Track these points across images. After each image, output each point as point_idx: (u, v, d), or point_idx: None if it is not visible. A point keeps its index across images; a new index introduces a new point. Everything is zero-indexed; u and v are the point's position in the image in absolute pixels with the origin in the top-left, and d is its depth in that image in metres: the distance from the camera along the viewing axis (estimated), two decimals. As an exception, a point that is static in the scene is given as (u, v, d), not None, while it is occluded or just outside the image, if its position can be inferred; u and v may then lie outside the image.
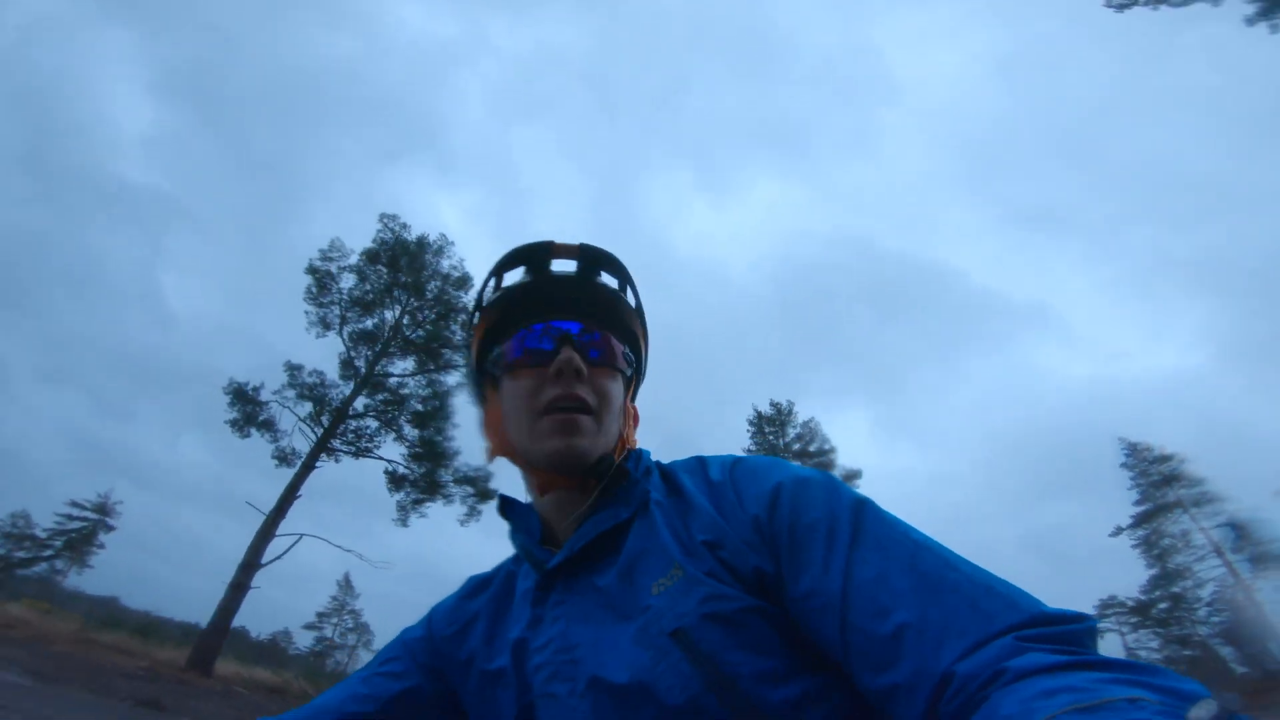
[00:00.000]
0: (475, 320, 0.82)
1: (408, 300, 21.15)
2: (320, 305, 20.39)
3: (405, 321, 21.10)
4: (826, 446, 28.77)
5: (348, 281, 20.84)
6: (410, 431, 20.24)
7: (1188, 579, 32.15)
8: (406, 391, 20.62)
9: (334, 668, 46.41)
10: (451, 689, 0.80)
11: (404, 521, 20.03)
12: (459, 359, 20.82)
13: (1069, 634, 0.46)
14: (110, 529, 44.06)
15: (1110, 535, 34.31)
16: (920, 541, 0.56)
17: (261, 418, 18.74)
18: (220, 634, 15.36)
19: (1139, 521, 33.63)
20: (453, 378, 20.67)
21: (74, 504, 42.80)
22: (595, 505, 0.72)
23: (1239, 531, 30.68)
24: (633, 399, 0.85)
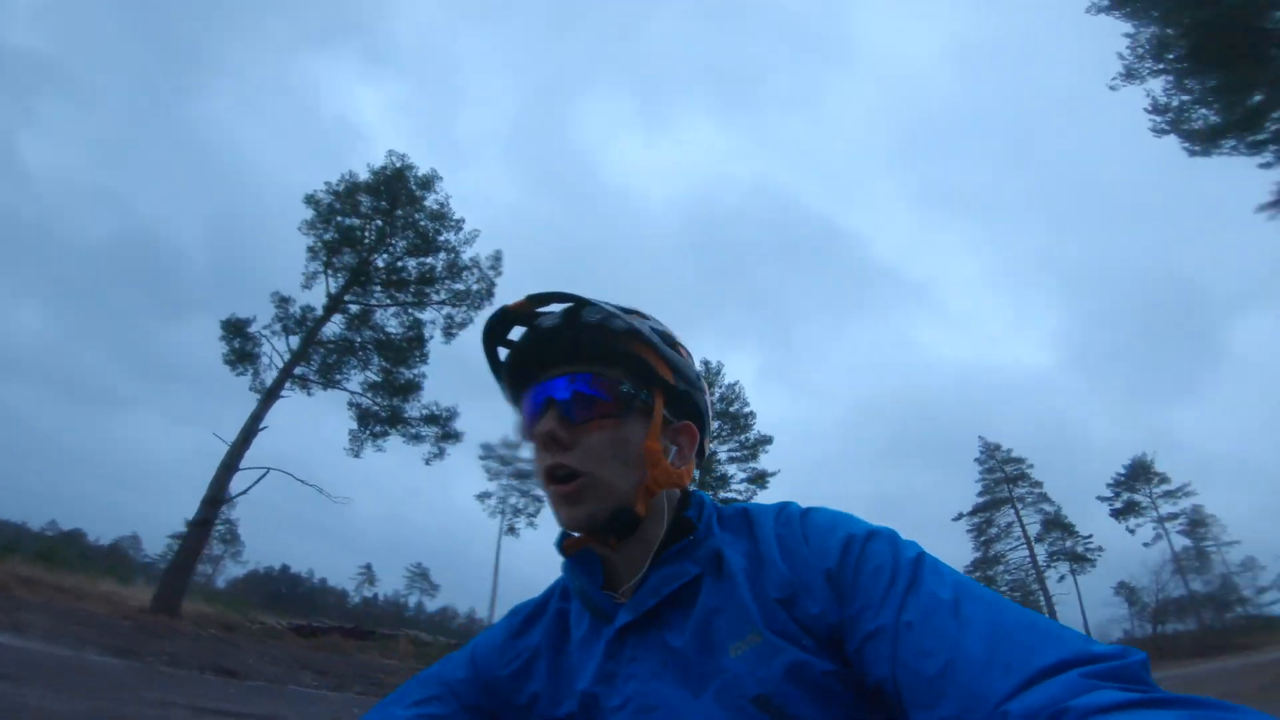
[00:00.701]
0: (502, 385, 0.80)
1: (382, 230, 19.82)
2: (317, 236, 18.90)
3: (382, 256, 19.86)
4: (746, 409, 30.93)
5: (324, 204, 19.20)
6: (376, 361, 19.48)
7: (1001, 564, 39.30)
8: (379, 323, 19.68)
9: (201, 580, 43.57)
10: None
11: (356, 453, 19.46)
12: (433, 294, 20.12)
13: (1126, 670, 0.45)
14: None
15: (952, 519, 40.61)
16: (970, 588, 0.58)
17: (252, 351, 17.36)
18: (185, 573, 14.35)
19: (977, 510, 40.24)
20: (428, 314, 20.01)
21: None
22: (660, 557, 0.71)
23: (1049, 527, 37.90)
24: (679, 415, 0.79)
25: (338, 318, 18.85)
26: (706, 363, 32.32)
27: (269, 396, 17.13)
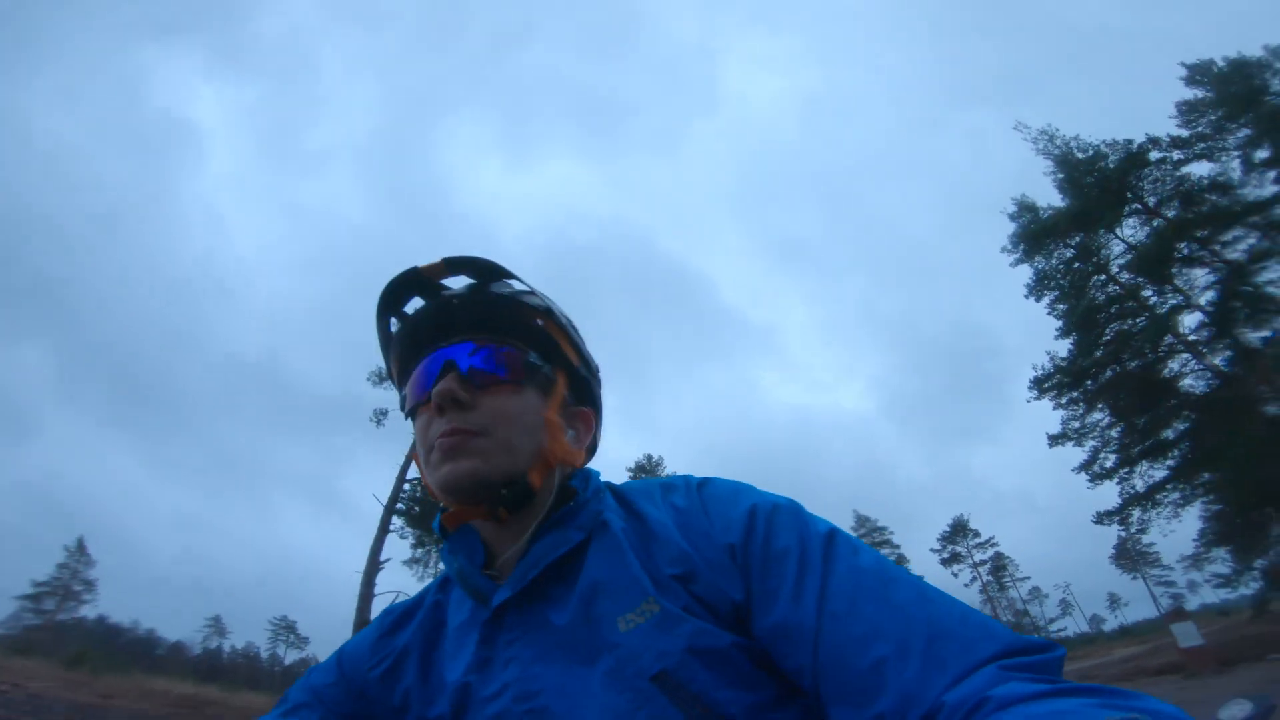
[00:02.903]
0: (388, 359, 0.76)
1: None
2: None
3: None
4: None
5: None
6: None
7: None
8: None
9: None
10: None
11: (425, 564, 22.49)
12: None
13: (1044, 663, 0.47)
14: None
15: None
16: (892, 572, 0.56)
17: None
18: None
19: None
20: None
21: None
22: (541, 529, 0.67)
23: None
24: (579, 401, 0.78)
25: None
26: (649, 456, 36.59)
27: (381, 533, 20.02)
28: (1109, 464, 18.42)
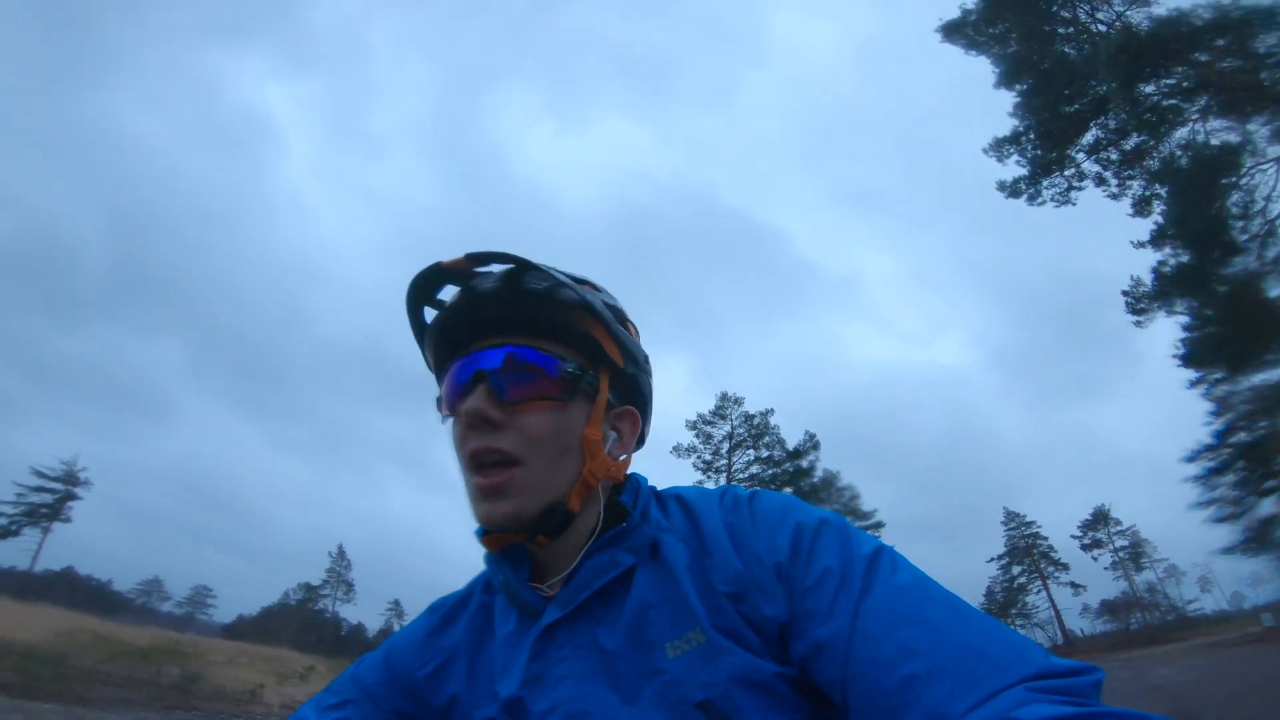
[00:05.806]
0: (424, 351, 0.74)
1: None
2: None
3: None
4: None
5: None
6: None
7: (1024, 599, 54.13)
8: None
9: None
10: None
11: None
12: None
13: (1076, 686, 0.47)
14: (76, 499, 42.90)
15: (986, 561, 53.84)
16: (931, 592, 0.56)
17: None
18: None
19: (1002, 556, 57.38)
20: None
21: (38, 473, 41.34)
22: (590, 549, 0.66)
23: (1053, 565, 55.21)
24: (623, 399, 0.74)
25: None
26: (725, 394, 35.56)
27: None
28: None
